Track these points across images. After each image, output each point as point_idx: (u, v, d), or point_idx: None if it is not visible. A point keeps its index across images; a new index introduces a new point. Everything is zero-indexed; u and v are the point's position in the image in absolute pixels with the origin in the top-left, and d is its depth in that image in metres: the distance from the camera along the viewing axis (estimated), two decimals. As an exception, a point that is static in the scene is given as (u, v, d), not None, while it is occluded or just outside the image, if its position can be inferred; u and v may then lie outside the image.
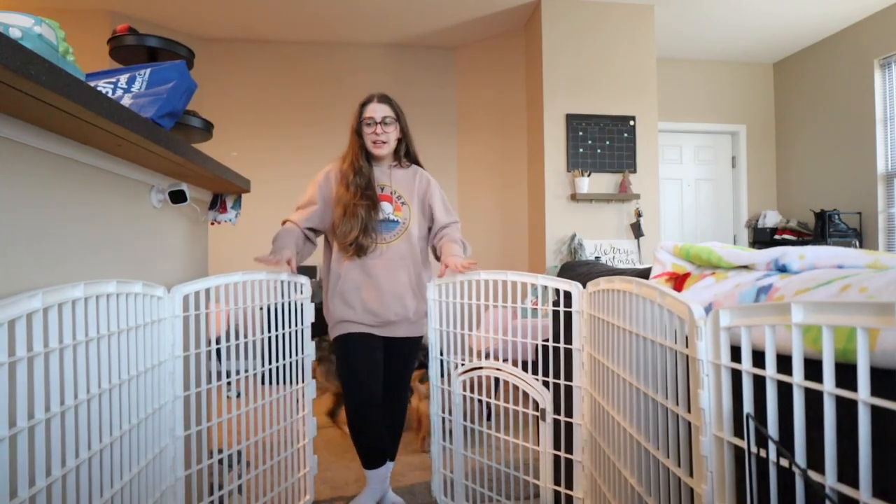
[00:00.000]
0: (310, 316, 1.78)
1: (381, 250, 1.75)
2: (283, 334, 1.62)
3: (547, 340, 1.53)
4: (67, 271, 0.94)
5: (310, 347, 1.77)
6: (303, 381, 1.73)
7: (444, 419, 1.75)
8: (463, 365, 1.67)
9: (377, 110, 1.75)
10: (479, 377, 1.62)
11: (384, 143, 1.76)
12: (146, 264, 1.28)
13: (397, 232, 1.78)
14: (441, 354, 1.76)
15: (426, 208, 1.83)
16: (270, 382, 1.54)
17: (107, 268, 1.08)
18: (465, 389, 1.68)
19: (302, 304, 1.74)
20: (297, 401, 1.71)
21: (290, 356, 1.66)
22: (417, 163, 1.89)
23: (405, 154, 1.85)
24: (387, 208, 1.78)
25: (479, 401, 1.71)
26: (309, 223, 1.80)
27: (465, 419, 1.69)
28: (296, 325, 1.70)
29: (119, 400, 0.95)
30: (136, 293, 1.03)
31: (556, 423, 1.48)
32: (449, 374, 1.70)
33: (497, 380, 2.03)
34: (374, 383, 1.71)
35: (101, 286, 0.89)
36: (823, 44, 4.44)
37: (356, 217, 1.71)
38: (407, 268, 1.77)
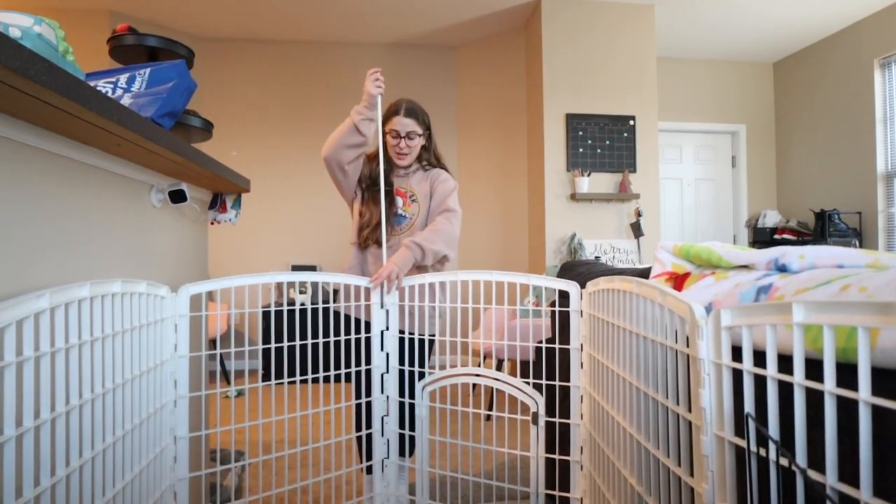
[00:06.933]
0: (380, 322, 1.59)
1: (391, 242, 1.80)
2: (336, 342, 1.54)
3: (541, 342, 1.53)
4: (67, 271, 0.94)
5: (379, 358, 1.58)
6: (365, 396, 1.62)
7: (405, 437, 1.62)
8: (432, 373, 1.57)
9: (403, 125, 1.81)
10: (455, 385, 1.55)
11: (406, 154, 1.84)
12: (146, 264, 1.28)
13: (404, 227, 1.84)
14: (401, 364, 1.61)
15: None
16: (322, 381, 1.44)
17: (107, 267, 1.08)
18: (433, 401, 1.58)
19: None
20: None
21: (349, 366, 1.56)
22: (441, 165, 1.93)
23: (427, 160, 1.91)
24: (398, 202, 1.85)
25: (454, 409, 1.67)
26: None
27: (433, 433, 1.63)
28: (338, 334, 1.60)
29: (122, 400, 0.95)
30: (140, 293, 1.03)
31: (552, 426, 1.48)
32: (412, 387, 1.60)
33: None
34: None
35: (106, 286, 0.89)
36: (823, 44, 4.44)
37: (378, 205, 1.78)
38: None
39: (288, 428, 1.86)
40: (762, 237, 4.58)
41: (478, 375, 1.54)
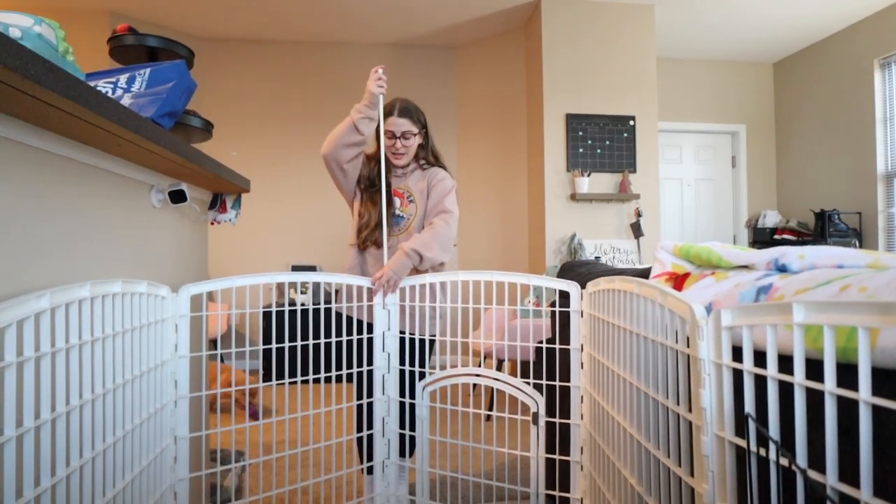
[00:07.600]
0: (382, 323, 1.60)
1: (390, 242, 1.79)
2: (341, 342, 1.54)
3: (541, 342, 1.52)
4: (67, 271, 0.94)
5: (381, 358, 1.59)
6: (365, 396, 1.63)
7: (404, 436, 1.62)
8: (432, 373, 1.57)
9: (397, 125, 1.82)
10: (455, 385, 1.56)
11: (402, 154, 1.85)
12: (146, 264, 1.27)
13: (402, 227, 1.85)
14: (401, 364, 1.62)
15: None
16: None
17: (107, 267, 1.08)
18: (434, 401, 1.59)
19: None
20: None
21: (345, 367, 1.56)
22: (439, 164, 1.93)
23: (425, 158, 1.91)
24: (396, 203, 1.86)
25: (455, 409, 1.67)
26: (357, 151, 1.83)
27: (433, 433, 1.63)
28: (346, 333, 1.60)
29: (122, 400, 0.95)
30: (141, 293, 1.03)
31: (552, 426, 1.47)
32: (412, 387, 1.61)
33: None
34: None
35: (106, 286, 0.89)
36: (823, 44, 4.44)
37: (376, 206, 1.80)
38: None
39: (288, 428, 1.87)
40: (762, 237, 4.58)
41: (478, 375, 1.53)
